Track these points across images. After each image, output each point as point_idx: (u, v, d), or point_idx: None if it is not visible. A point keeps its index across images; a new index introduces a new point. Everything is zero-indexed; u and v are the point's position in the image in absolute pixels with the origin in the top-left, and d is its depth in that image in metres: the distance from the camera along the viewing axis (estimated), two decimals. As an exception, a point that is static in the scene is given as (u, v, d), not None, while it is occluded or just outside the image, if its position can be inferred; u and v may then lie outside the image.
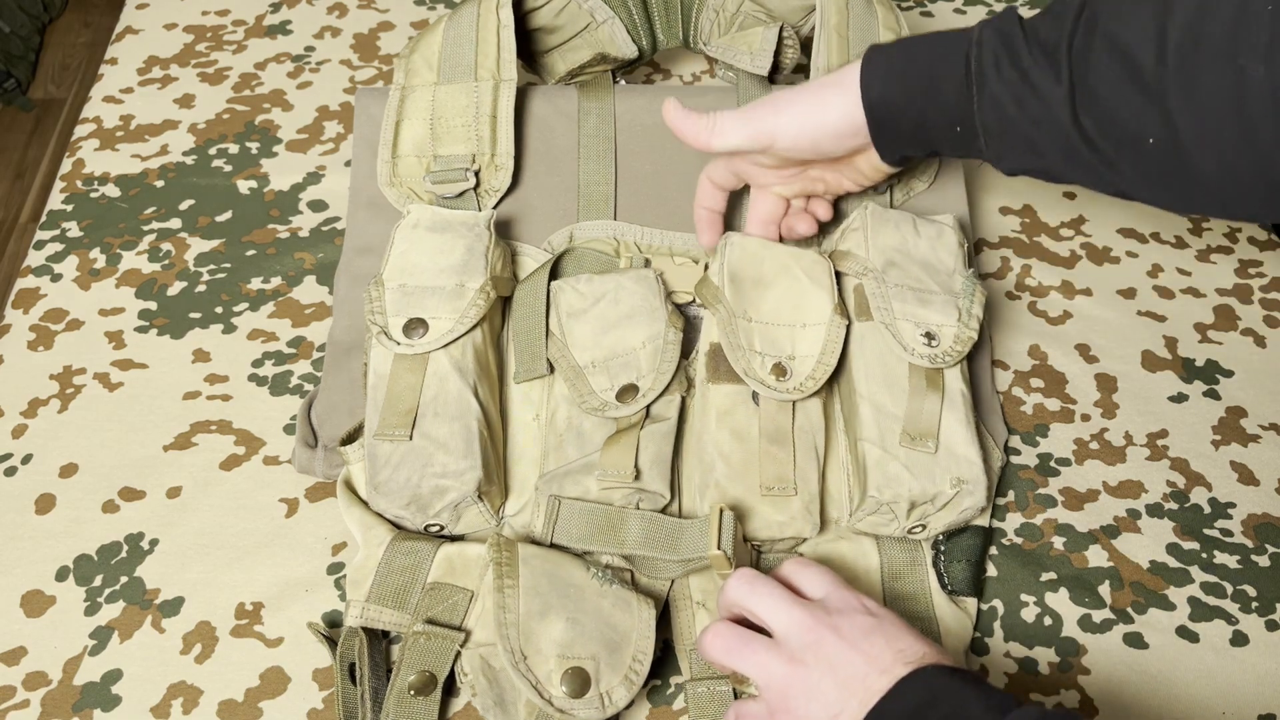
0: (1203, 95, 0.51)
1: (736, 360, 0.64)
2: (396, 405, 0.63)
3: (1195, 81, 0.51)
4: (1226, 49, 0.50)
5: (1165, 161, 0.53)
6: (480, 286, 0.66)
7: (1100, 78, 0.54)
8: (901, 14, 0.77)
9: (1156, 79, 0.52)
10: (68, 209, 0.85)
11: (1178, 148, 0.52)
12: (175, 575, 0.65)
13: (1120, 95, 0.53)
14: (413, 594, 0.60)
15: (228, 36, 0.99)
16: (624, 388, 0.65)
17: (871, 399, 0.64)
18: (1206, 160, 0.52)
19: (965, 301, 0.67)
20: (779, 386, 0.63)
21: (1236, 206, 0.55)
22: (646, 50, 0.81)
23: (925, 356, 0.64)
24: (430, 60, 0.75)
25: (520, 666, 0.54)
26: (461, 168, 0.73)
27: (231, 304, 0.78)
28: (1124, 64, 0.53)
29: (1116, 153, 0.55)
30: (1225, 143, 0.51)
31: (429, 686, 0.57)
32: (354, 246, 0.74)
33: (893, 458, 0.62)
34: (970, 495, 0.62)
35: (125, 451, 0.70)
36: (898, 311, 0.65)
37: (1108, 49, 0.53)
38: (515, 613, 0.56)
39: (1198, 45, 0.51)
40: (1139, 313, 0.79)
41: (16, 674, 0.61)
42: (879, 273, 0.67)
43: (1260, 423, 0.73)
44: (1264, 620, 0.64)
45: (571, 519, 0.62)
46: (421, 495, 0.61)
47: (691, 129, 0.65)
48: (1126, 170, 0.55)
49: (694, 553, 0.60)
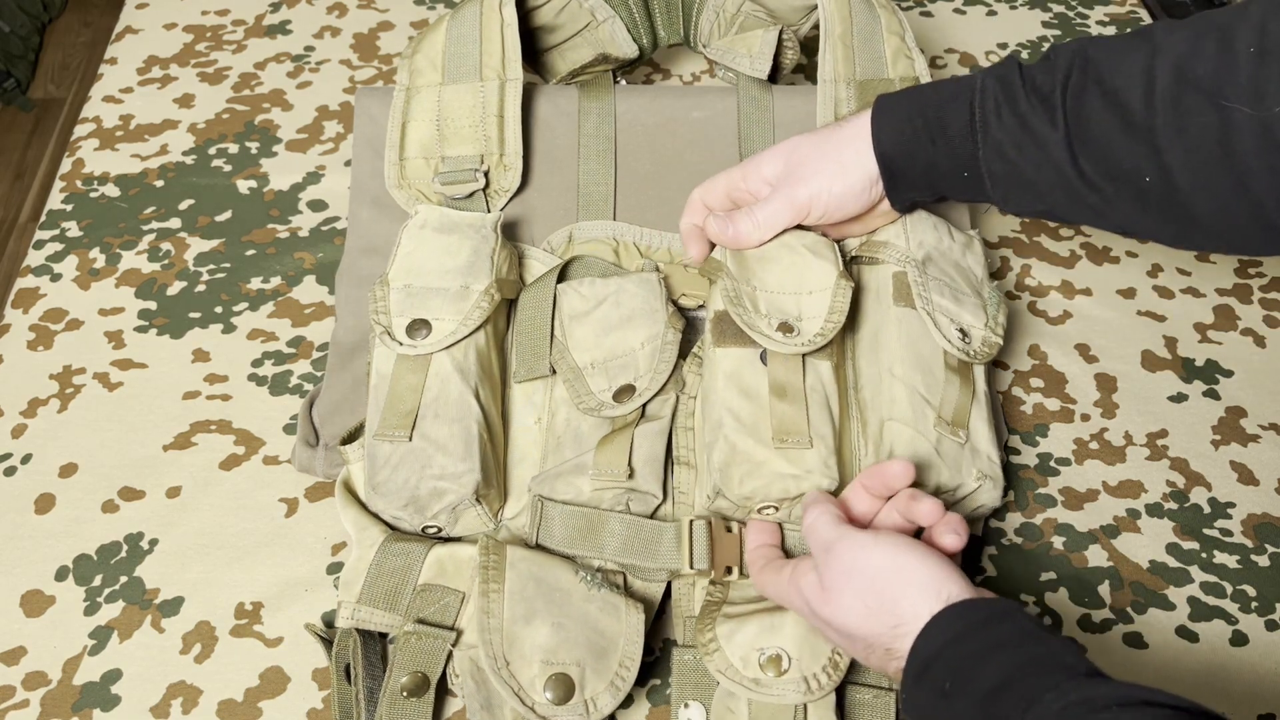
0: (1191, 137, 0.52)
1: (740, 316, 0.62)
2: (397, 406, 0.62)
3: (1183, 123, 0.52)
4: (1211, 91, 0.51)
5: (1163, 200, 0.54)
6: (485, 289, 0.66)
7: (1094, 121, 0.55)
8: (904, 16, 0.77)
9: (1146, 122, 0.53)
10: (67, 209, 0.85)
11: (1172, 188, 0.54)
12: (175, 575, 0.65)
13: (1113, 138, 0.55)
14: (404, 595, 0.59)
15: (227, 36, 0.99)
16: (621, 388, 0.64)
17: (907, 380, 0.63)
18: (1201, 201, 0.53)
19: (993, 309, 0.67)
20: (786, 341, 0.62)
21: (1237, 244, 0.57)
22: (647, 48, 0.81)
23: (960, 350, 0.64)
24: (434, 60, 0.74)
25: (503, 672, 0.54)
26: (470, 168, 0.73)
27: (231, 304, 0.78)
28: (1115, 108, 0.54)
29: (1116, 192, 0.56)
30: (1217, 184, 0.52)
31: (422, 688, 0.57)
32: (357, 246, 0.74)
33: (924, 438, 0.62)
34: (989, 492, 0.62)
35: (125, 451, 0.70)
36: (935, 304, 0.66)
37: (1100, 93, 0.55)
38: (499, 617, 0.56)
39: (1183, 88, 0.52)
40: (1139, 313, 0.79)
41: (16, 674, 0.61)
42: (920, 263, 0.67)
43: (1260, 423, 0.73)
44: (1263, 620, 0.64)
45: (554, 521, 0.62)
46: (420, 497, 0.61)
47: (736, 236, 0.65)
48: (1127, 209, 0.57)
49: (671, 563, 0.60)
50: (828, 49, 0.75)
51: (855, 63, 0.74)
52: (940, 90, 0.62)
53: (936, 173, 0.62)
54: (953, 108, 0.60)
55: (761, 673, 0.55)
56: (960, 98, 0.60)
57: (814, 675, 0.54)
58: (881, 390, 0.64)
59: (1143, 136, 0.53)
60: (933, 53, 0.99)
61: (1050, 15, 1.03)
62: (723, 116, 0.78)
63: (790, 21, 0.79)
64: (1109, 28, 1.02)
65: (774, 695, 0.54)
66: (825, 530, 0.53)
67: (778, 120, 0.77)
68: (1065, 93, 0.56)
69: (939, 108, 0.61)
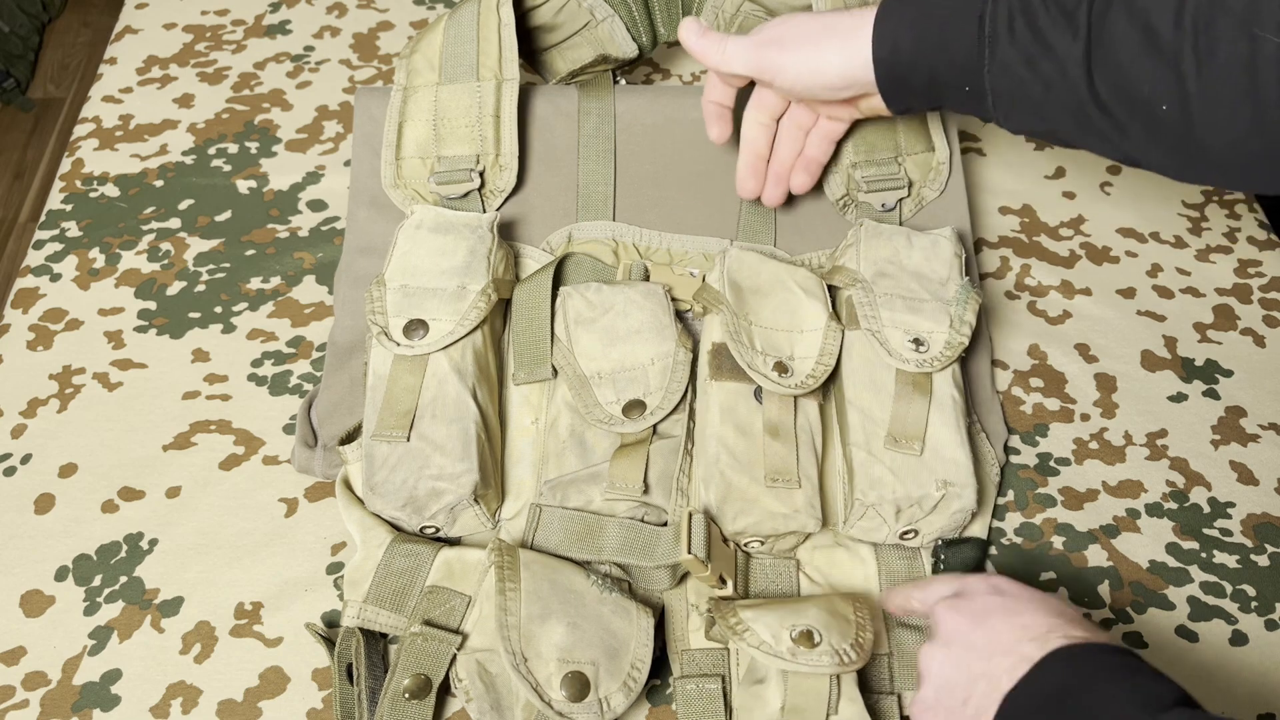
0: (1217, 63, 0.51)
1: (741, 355, 0.64)
2: (395, 406, 0.62)
3: (1211, 49, 0.51)
4: (1244, 19, 0.50)
5: (1177, 129, 0.53)
6: (482, 289, 0.66)
7: (1117, 40, 0.54)
8: None
9: (1173, 45, 0.52)
10: (67, 209, 0.85)
11: (1189, 116, 0.53)
12: (175, 575, 0.65)
13: (1136, 59, 0.53)
14: (410, 597, 0.60)
15: (227, 36, 0.99)
16: (630, 403, 0.64)
17: (858, 404, 0.64)
18: (1216, 133, 0.52)
19: (958, 309, 0.67)
20: (782, 381, 0.63)
21: (1245, 180, 0.56)
22: (646, 46, 0.81)
23: (913, 362, 0.65)
24: (432, 60, 0.74)
25: (521, 668, 0.54)
26: (466, 168, 0.73)
27: (231, 304, 0.78)
28: (1142, 28, 0.53)
29: (1129, 118, 0.55)
30: (1236, 112, 0.51)
31: (424, 690, 0.57)
32: (355, 246, 0.74)
33: (877, 460, 0.62)
34: (958, 498, 0.62)
35: (125, 451, 0.70)
36: (885, 319, 0.66)
37: (1126, 12, 0.53)
38: (517, 615, 0.56)
39: (1215, 13, 0.51)
40: (1139, 312, 0.79)
41: (16, 674, 0.61)
42: (868, 283, 0.68)
43: (1260, 422, 0.73)
44: (1263, 620, 0.64)
45: (551, 525, 0.62)
46: (418, 497, 0.61)
47: (702, 48, 0.66)
48: (1137, 136, 0.55)
49: (669, 558, 0.60)
50: None
51: None
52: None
53: (937, 83, 0.60)
54: (961, 17, 0.58)
55: (796, 646, 0.55)
56: (970, 7, 0.58)
57: (844, 650, 0.55)
58: (843, 415, 0.65)
59: (1168, 60, 0.52)
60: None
61: None
62: (722, 116, 0.78)
63: (790, 21, 0.79)
64: None
65: (812, 665, 0.54)
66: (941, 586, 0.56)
67: (777, 120, 0.77)
68: (1091, 6, 0.55)
69: (946, 17, 0.59)
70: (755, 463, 0.62)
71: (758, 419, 0.63)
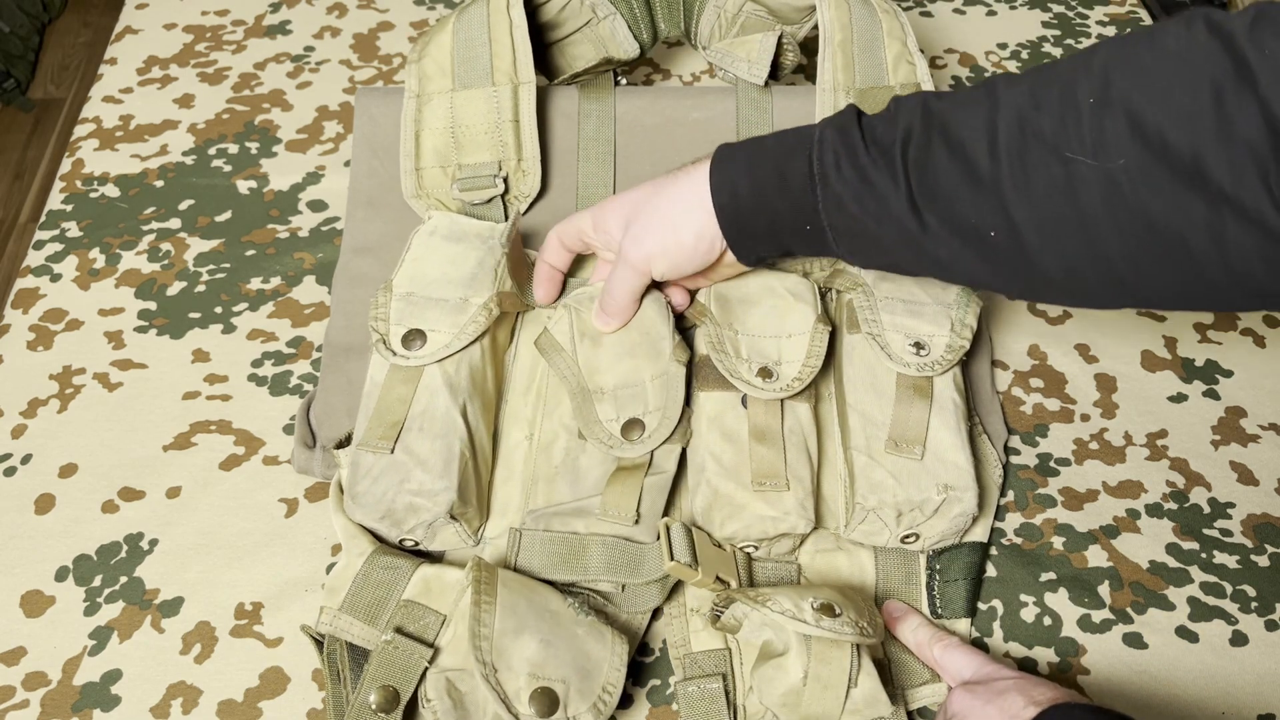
0: (1037, 191, 0.50)
1: (722, 363, 0.64)
2: (385, 416, 0.62)
3: (1028, 176, 0.50)
4: (1054, 143, 0.49)
5: (1011, 255, 0.53)
6: (484, 303, 0.65)
7: (940, 174, 0.53)
8: (907, 20, 0.76)
9: (991, 174, 0.51)
10: (67, 209, 0.85)
11: (1019, 243, 0.52)
12: (175, 575, 0.65)
13: (958, 190, 0.53)
14: (385, 610, 0.58)
15: (227, 36, 0.99)
16: (629, 421, 0.63)
17: (859, 408, 0.64)
18: (1049, 257, 0.52)
19: (959, 312, 0.67)
20: (765, 386, 0.63)
21: (1086, 299, 0.55)
22: (647, 43, 0.81)
23: (914, 365, 0.64)
24: (443, 65, 0.73)
25: (491, 679, 0.53)
26: (489, 174, 0.72)
27: (231, 304, 0.78)
28: (960, 160, 0.52)
29: (962, 246, 0.54)
30: (1066, 239, 0.51)
31: (392, 703, 0.55)
32: (351, 246, 0.74)
33: (878, 464, 0.62)
34: (959, 502, 0.61)
35: (125, 451, 0.70)
36: (886, 323, 0.66)
37: (944, 144, 0.53)
38: (490, 627, 0.55)
39: (1026, 140, 0.50)
40: (1139, 312, 0.79)
41: (16, 674, 0.61)
42: (869, 287, 0.68)
43: (1260, 423, 0.73)
44: (1263, 620, 0.64)
45: (533, 549, 0.61)
46: (395, 510, 0.60)
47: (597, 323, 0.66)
48: (973, 264, 0.55)
49: (656, 573, 0.60)
50: (827, 56, 0.74)
51: (855, 70, 0.74)
52: (781, 140, 0.60)
53: (779, 226, 0.59)
54: (792, 159, 0.58)
55: (819, 614, 0.55)
56: (799, 149, 0.58)
57: (863, 625, 0.55)
58: (844, 419, 0.65)
59: (989, 190, 0.52)
60: (932, 53, 0.99)
61: (1050, 15, 1.03)
62: (722, 118, 0.78)
63: (792, 21, 0.79)
64: (1109, 28, 1.02)
65: (836, 631, 0.54)
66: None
67: (776, 122, 0.77)
68: (907, 145, 0.54)
69: (778, 159, 0.58)
70: (742, 468, 0.61)
71: (744, 425, 0.63)
